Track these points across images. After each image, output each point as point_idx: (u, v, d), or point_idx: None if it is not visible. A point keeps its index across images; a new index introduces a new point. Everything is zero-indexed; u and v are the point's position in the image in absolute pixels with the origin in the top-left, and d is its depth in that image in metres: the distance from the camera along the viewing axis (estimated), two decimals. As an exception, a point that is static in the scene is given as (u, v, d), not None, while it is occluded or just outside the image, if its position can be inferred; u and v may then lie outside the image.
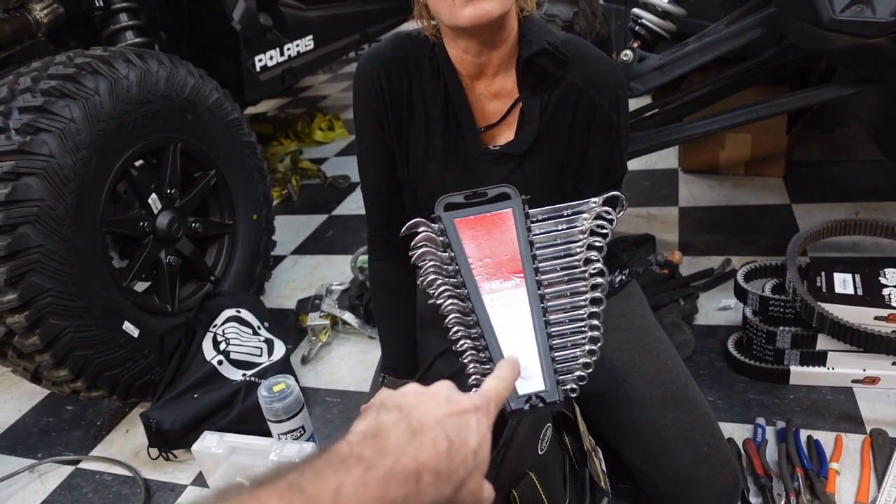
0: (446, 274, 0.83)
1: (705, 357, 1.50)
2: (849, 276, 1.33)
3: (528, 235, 0.85)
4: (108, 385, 1.45)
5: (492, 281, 0.81)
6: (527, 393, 0.76)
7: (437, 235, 0.86)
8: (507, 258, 0.83)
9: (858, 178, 2.14)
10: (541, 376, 0.76)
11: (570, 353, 0.80)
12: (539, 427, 0.88)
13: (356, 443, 0.46)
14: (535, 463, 0.86)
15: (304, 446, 1.17)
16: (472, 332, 0.80)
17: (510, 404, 0.76)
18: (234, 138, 1.79)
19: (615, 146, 1.01)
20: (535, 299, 0.80)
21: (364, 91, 1.04)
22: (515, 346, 0.78)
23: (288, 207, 2.78)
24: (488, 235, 0.85)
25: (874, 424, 1.24)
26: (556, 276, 0.83)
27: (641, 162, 2.50)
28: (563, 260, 0.84)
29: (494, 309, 0.79)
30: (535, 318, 0.79)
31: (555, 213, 0.87)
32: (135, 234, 1.55)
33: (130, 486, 1.43)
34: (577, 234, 0.85)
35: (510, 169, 1.00)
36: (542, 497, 0.83)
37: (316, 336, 1.78)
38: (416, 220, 0.86)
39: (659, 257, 1.84)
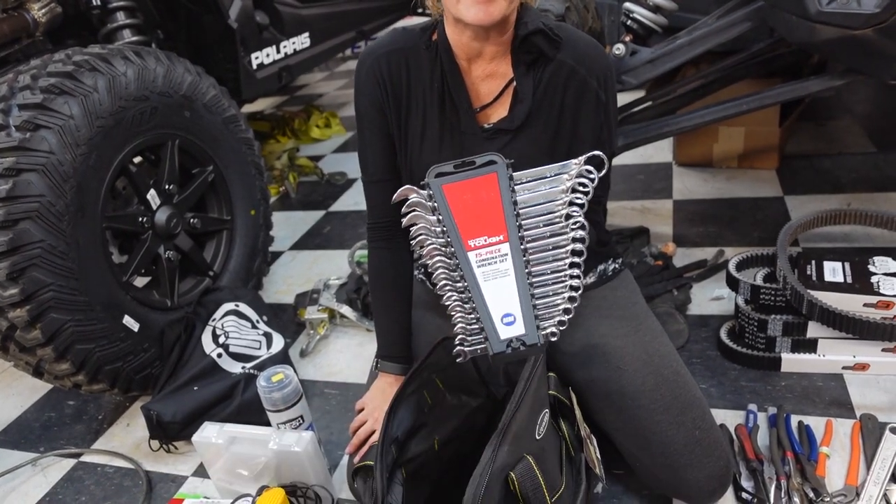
0: (435, 235, 0.89)
1: (698, 346, 1.52)
2: (838, 264, 1.35)
3: (513, 196, 0.91)
4: (109, 378, 1.47)
5: (476, 238, 0.88)
6: (508, 337, 0.81)
7: (426, 200, 0.90)
8: (491, 218, 0.89)
9: (850, 170, 2.16)
10: (521, 321, 0.83)
11: (551, 300, 0.87)
12: (538, 412, 0.90)
13: None
14: (533, 447, 0.88)
15: (302, 435, 1.19)
16: (459, 286, 0.87)
17: (492, 347, 0.81)
18: (231, 134, 1.80)
19: (605, 123, 1.07)
20: (517, 252, 0.87)
21: (366, 82, 1.10)
22: (498, 296, 0.85)
23: (285, 204, 2.79)
24: (474, 198, 0.91)
25: (864, 410, 1.26)
26: (539, 232, 0.90)
27: (636, 156, 2.52)
28: (546, 217, 0.91)
29: (479, 263, 0.86)
30: (517, 268, 0.86)
31: (538, 176, 0.93)
32: (134, 229, 1.57)
33: (132, 477, 1.45)
34: (558, 193, 0.91)
35: (503, 144, 1.05)
36: (540, 481, 0.85)
37: (314, 329, 1.80)
38: (406, 187, 0.92)
39: (653, 249, 1.86)
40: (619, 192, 2.28)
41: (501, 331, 0.83)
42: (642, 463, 1.09)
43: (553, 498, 0.90)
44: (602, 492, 1.17)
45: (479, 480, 0.77)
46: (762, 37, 1.73)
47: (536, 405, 0.91)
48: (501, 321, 0.83)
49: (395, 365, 1.21)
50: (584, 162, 0.93)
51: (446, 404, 1.11)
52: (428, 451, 1.07)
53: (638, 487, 1.17)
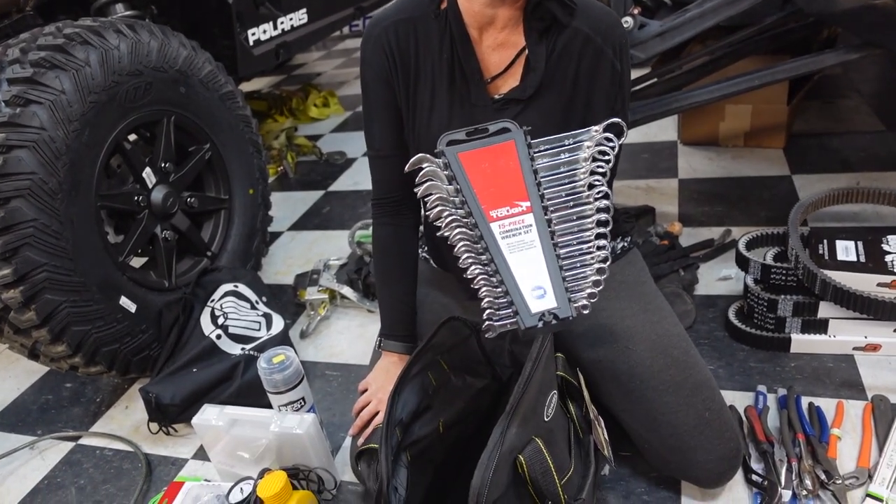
0: (453, 206, 0.85)
1: (706, 326, 1.49)
2: (851, 243, 1.32)
3: (532, 164, 0.87)
4: (106, 360, 1.44)
5: (499, 209, 0.84)
6: (540, 311, 0.77)
7: (441, 170, 0.86)
8: (512, 187, 0.85)
9: (859, 149, 2.12)
10: (552, 294, 0.79)
11: (580, 272, 0.83)
12: (546, 393, 0.88)
13: None
14: (541, 429, 0.86)
15: (304, 417, 1.17)
16: (483, 259, 0.82)
17: (523, 322, 0.77)
18: (228, 111, 1.76)
19: (619, 94, 1.03)
20: (542, 222, 0.83)
21: (373, 52, 1.06)
22: (525, 268, 0.81)
23: (284, 184, 2.75)
24: (492, 167, 0.87)
25: (875, 391, 1.24)
26: (562, 201, 0.86)
27: (641, 134, 2.48)
28: (568, 186, 0.87)
29: (503, 235, 0.82)
30: (542, 239, 0.82)
31: (557, 143, 0.90)
32: (129, 208, 1.54)
33: (131, 460, 1.43)
34: (579, 161, 0.87)
35: (514, 114, 1.02)
36: (549, 462, 0.83)
37: (314, 310, 1.77)
38: (419, 156, 0.88)
39: (658, 228, 1.83)
40: (623, 170, 2.25)
41: (532, 304, 0.79)
42: (651, 445, 1.07)
43: (562, 480, 0.87)
44: (609, 474, 1.15)
45: (488, 463, 0.75)
46: (773, 10, 1.68)
47: (544, 386, 0.88)
48: (532, 294, 0.80)
49: (399, 344, 1.18)
50: (603, 129, 0.90)
51: (451, 386, 1.08)
52: (432, 433, 1.05)
53: (646, 469, 1.15)
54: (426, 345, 1.01)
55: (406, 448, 1.00)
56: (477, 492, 0.74)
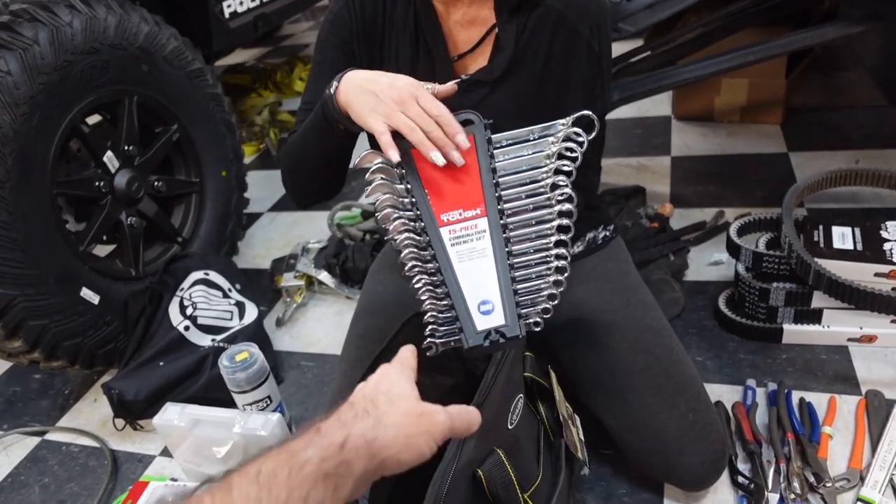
0: (402, 207, 0.79)
1: (695, 315, 1.43)
2: (848, 229, 1.25)
3: (491, 162, 0.80)
4: (68, 355, 1.38)
5: (450, 212, 0.77)
6: (486, 328, 0.72)
7: (392, 167, 0.79)
8: (468, 187, 0.78)
9: (860, 125, 2.04)
10: (500, 310, 0.73)
11: (535, 284, 0.77)
12: (510, 399, 0.81)
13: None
14: (505, 438, 0.80)
15: (269, 417, 1.11)
16: (429, 268, 0.76)
17: (467, 340, 0.72)
18: (196, 90, 1.67)
19: (598, 77, 0.95)
20: (496, 229, 0.76)
21: (337, 19, 0.98)
22: (474, 280, 0.75)
23: (266, 162, 2.67)
24: (448, 164, 0.79)
25: (870, 385, 1.18)
26: (521, 205, 0.79)
27: (633, 109, 2.39)
28: (529, 187, 0.80)
29: (453, 241, 0.76)
30: (496, 249, 0.75)
31: (520, 138, 0.82)
32: (90, 195, 1.46)
33: (98, 457, 1.37)
34: (542, 158, 0.80)
35: (480, 97, 0.94)
36: (511, 475, 0.77)
37: (290, 297, 1.71)
38: (369, 152, 0.80)
39: (649, 210, 1.76)
40: (614, 148, 2.16)
41: (478, 321, 0.73)
42: (631, 447, 1.02)
43: (528, 492, 0.82)
44: (588, 474, 1.10)
45: (442, 479, 0.69)
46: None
47: (510, 391, 0.82)
48: (478, 309, 0.73)
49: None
50: (572, 123, 0.82)
51: (420, 385, 1.02)
52: None
53: (627, 469, 1.10)
54: (389, 344, 0.95)
55: None
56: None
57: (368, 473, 0.54)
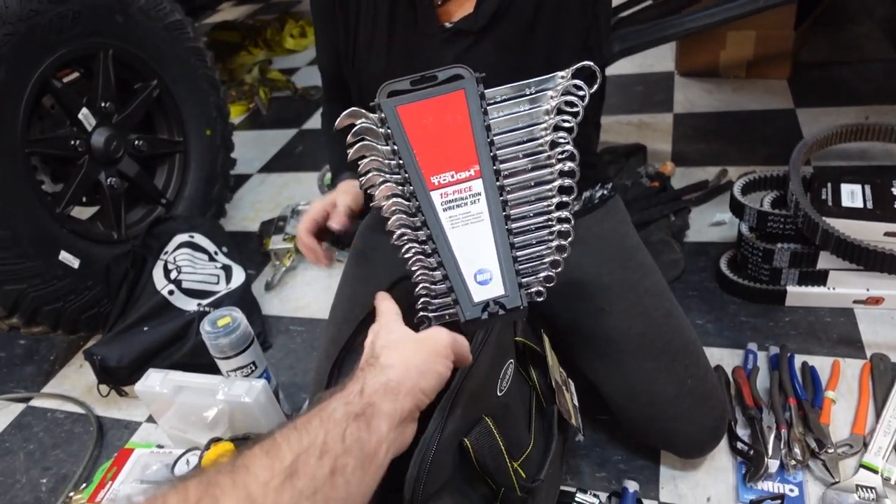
0: (389, 170, 0.72)
1: (695, 277, 1.38)
2: (857, 187, 1.19)
3: (485, 119, 0.73)
4: (49, 320, 1.34)
5: (441, 174, 0.71)
6: (484, 300, 0.66)
7: (377, 126, 0.73)
8: (459, 147, 0.72)
9: (869, 80, 1.96)
10: (500, 279, 0.67)
11: (535, 251, 0.71)
12: (498, 367, 0.77)
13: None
14: (493, 406, 0.76)
15: (253, 384, 1.07)
16: (420, 235, 0.70)
17: (464, 313, 0.67)
18: (176, 43, 1.60)
19: (593, 26, 0.88)
20: (492, 191, 0.70)
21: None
22: (470, 247, 0.69)
23: (255, 122, 2.59)
24: (437, 122, 0.73)
25: (875, 348, 1.14)
26: (519, 164, 0.73)
27: (634, 65, 2.31)
28: (527, 145, 0.73)
29: (445, 206, 0.70)
30: (492, 213, 0.69)
31: (516, 93, 0.75)
32: (66, 154, 1.40)
33: (83, 423, 1.35)
34: (541, 114, 0.73)
35: (464, 48, 0.87)
36: (500, 443, 0.73)
37: (279, 261, 1.66)
38: (351, 110, 0.74)
39: (649, 169, 1.70)
40: (614, 105, 2.09)
41: (475, 292, 0.67)
42: (628, 413, 0.98)
43: (518, 460, 0.78)
44: (582, 441, 1.06)
45: (425, 453, 0.65)
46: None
47: (499, 356, 0.77)
48: (475, 280, 0.68)
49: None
50: (572, 75, 0.75)
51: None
52: None
53: (623, 436, 1.07)
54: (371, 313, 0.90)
55: None
56: (412, 485, 0.64)
57: (399, 412, 0.56)
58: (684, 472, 1.01)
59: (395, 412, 0.56)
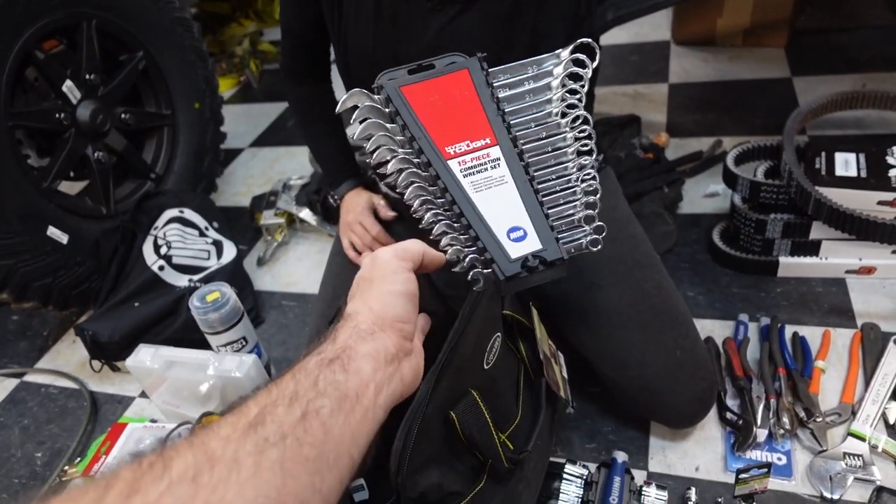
0: (399, 145, 0.71)
1: (688, 249, 1.38)
2: (852, 155, 1.18)
3: (493, 94, 0.72)
4: (39, 295, 1.33)
5: (456, 144, 0.69)
6: (521, 255, 0.64)
7: (381, 106, 0.72)
8: (470, 119, 0.71)
9: (867, 47, 1.93)
10: (534, 234, 0.65)
11: (563, 209, 0.70)
12: (486, 341, 0.77)
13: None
14: (480, 379, 0.75)
15: (243, 359, 1.07)
16: (441, 203, 0.68)
17: (502, 271, 0.64)
18: (162, 14, 1.56)
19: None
20: (512, 156, 0.69)
21: None
22: (497, 208, 0.67)
23: (247, 95, 2.56)
24: (444, 99, 0.72)
25: (866, 318, 1.14)
26: (532, 132, 0.73)
27: (630, 34, 2.27)
28: (538, 115, 0.73)
29: (465, 172, 0.68)
30: (514, 173, 0.68)
31: (518, 71, 0.75)
32: (51, 127, 1.38)
33: (77, 398, 1.35)
34: (548, 86, 0.74)
35: (450, 17, 0.86)
36: (486, 416, 0.73)
37: (271, 236, 1.65)
38: (353, 92, 0.72)
39: (643, 140, 1.68)
40: (609, 75, 2.06)
41: (511, 248, 0.64)
42: (618, 385, 0.98)
43: (505, 433, 0.78)
44: (572, 412, 1.07)
45: (411, 425, 0.65)
46: None
47: (486, 330, 0.77)
48: (508, 237, 0.65)
49: (351, 180, 1.16)
50: (571, 51, 0.75)
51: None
52: None
53: (613, 407, 1.07)
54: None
55: None
56: (399, 457, 0.64)
57: (382, 350, 0.55)
58: (673, 443, 1.02)
59: (377, 352, 0.54)
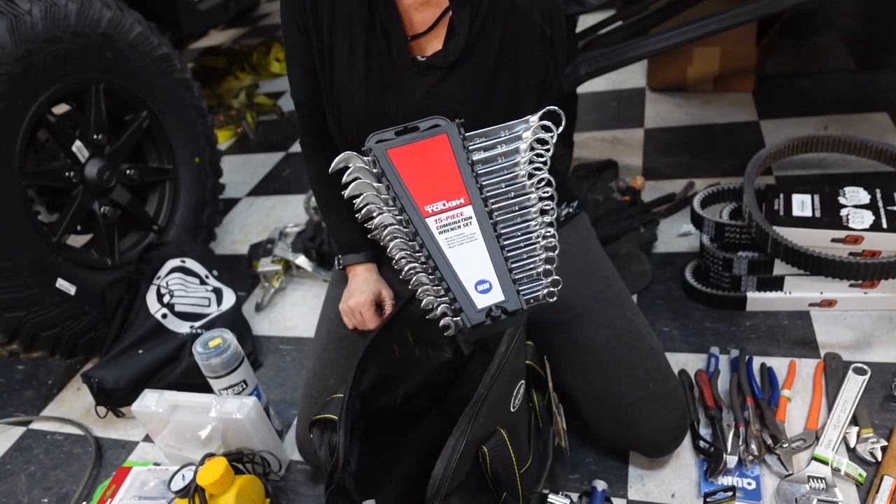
0: (384, 203, 0.80)
1: (663, 286, 1.46)
2: (807, 196, 1.27)
3: (468, 157, 0.82)
4: (48, 345, 1.40)
5: (434, 203, 0.79)
6: (486, 305, 0.73)
7: (370, 167, 0.81)
8: (447, 181, 0.80)
9: (830, 90, 2.05)
10: (498, 286, 0.74)
11: (527, 263, 0.79)
12: (514, 382, 0.85)
13: None
14: (507, 420, 0.83)
15: (244, 402, 1.13)
16: (419, 256, 0.78)
17: (468, 320, 0.73)
18: (164, 75, 1.67)
19: (551, 62, 0.96)
20: (482, 215, 0.78)
21: (286, 2, 0.99)
22: (467, 263, 0.76)
23: (244, 146, 2.66)
24: (425, 161, 0.82)
25: (829, 348, 1.22)
26: (502, 192, 0.82)
27: (608, 82, 2.39)
28: (507, 177, 0.83)
29: (440, 229, 0.77)
30: (484, 231, 0.77)
31: (492, 136, 0.85)
32: (61, 185, 1.46)
33: (82, 444, 1.40)
34: (518, 150, 0.83)
35: (436, 81, 0.95)
36: (511, 455, 0.81)
37: (268, 282, 1.72)
38: (345, 154, 0.82)
39: (621, 183, 1.78)
40: (588, 121, 2.17)
41: (477, 299, 0.74)
42: (596, 417, 1.05)
43: (521, 471, 0.86)
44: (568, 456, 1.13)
45: (452, 454, 0.72)
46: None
47: (514, 376, 0.85)
48: (476, 289, 0.75)
49: (362, 254, 1.15)
50: (540, 117, 0.85)
51: (413, 358, 1.05)
52: (390, 405, 1.02)
53: (594, 439, 1.13)
54: (398, 314, 0.98)
55: (361, 418, 0.98)
56: (438, 482, 0.71)
57: None
58: (651, 471, 1.08)
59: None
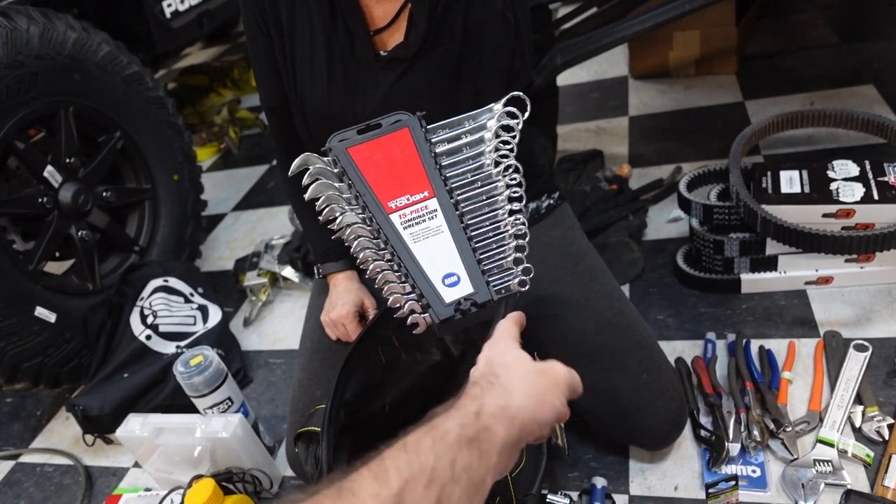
0: (347, 203, 0.78)
1: (655, 274, 1.42)
2: (795, 173, 1.24)
3: (431, 149, 0.79)
4: (30, 375, 1.36)
5: (397, 199, 0.76)
6: (455, 299, 0.71)
7: (330, 168, 0.79)
8: (411, 175, 0.78)
9: (813, 66, 2.02)
10: (467, 279, 0.72)
11: (498, 252, 0.76)
12: None
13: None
14: None
15: (229, 420, 1.10)
16: (384, 254, 0.75)
17: (437, 314, 0.71)
18: (136, 94, 1.64)
19: (517, 49, 0.93)
20: (447, 206, 0.76)
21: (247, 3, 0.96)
22: (434, 257, 0.74)
23: (228, 161, 2.63)
24: (387, 157, 0.79)
25: (828, 326, 1.18)
26: (467, 183, 0.79)
27: (590, 72, 2.37)
28: (473, 167, 0.80)
29: (405, 224, 0.75)
30: (450, 223, 0.75)
31: (455, 126, 0.82)
32: (35, 212, 1.43)
33: (72, 475, 1.37)
34: (482, 139, 0.81)
35: (399, 74, 0.92)
36: None
37: (256, 296, 1.69)
38: (304, 156, 0.80)
39: (607, 172, 1.75)
40: (571, 113, 2.14)
41: (445, 293, 0.71)
42: (592, 412, 1.02)
43: (513, 474, 0.82)
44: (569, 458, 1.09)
45: None
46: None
47: None
48: (443, 283, 0.72)
49: (341, 262, 1.12)
50: (504, 104, 0.82)
51: (400, 363, 1.02)
52: (377, 414, 0.98)
53: (592, 435, 1.10)
54: (379, 318, 0.95)
55: (348, 429, 0.94)
56: None
57: (512, 440, 0.55)
58: (652, 464, 1.04)
59: (508, 439, 0.54)
